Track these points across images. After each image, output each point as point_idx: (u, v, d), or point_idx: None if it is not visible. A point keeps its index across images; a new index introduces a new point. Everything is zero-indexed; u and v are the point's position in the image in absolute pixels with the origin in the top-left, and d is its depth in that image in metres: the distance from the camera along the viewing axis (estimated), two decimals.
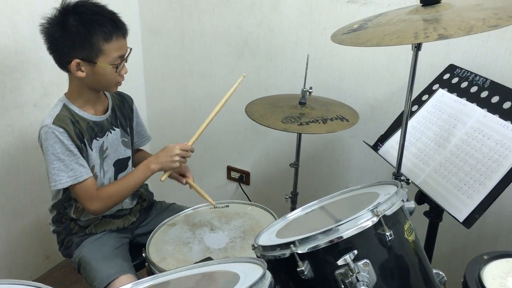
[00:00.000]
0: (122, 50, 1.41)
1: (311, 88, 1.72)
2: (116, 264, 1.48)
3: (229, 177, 2.49)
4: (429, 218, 1.53)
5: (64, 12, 1.35)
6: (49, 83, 2.02)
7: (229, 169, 2.47)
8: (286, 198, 1.95)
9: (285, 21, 2.03)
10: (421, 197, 1.49)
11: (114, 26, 1.37)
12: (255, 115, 1.66)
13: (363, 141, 1.75)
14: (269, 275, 0.90)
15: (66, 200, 1.54)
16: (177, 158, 1.48)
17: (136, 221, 1.68)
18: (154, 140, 2.61)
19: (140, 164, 1.51)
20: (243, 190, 2.45)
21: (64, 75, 1.45)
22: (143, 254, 1.42)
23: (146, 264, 1.41)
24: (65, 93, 1.48)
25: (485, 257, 1.09)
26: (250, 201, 2.22)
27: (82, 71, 1.38)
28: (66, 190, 1.50)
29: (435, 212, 1.50)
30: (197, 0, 2.21)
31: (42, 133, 1.40)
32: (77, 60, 1.35)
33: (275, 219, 1.35)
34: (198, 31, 2.27)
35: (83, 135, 1.44)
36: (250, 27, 2.13)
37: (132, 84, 2.44)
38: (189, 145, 1.52)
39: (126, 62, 1.44)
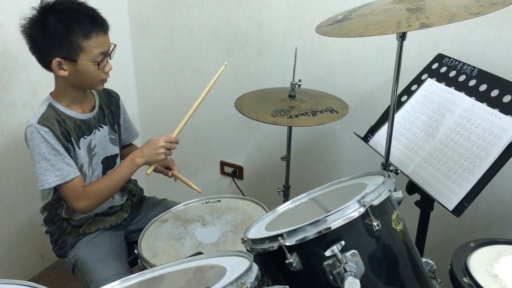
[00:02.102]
0: (103, 47, 1.39)
1: (300, 80, 1.72)
2: (112, 266, 1.47)
3: (222, 172, 2.49)
4: (420, 207, 1.54)
5: (43, 11, 1.34)
6: (38, 82, 2.01)
7: (222, 164, 2.47)
8: (278, 191, 1.95)
9: (274, 14, 2.03)
10: (412, 187, 1.49)
11: (93, 23, 1.36)
12: (245, 109, 1.65)
13: (354, 132, 1.75)
14: (255, 268, 0.90)
15: (57, 201, 1.53)
16: (162, 150, 1.47)
17: (128, 217, 1.68)
18: (146, 136, 2.61)
19: (125, 159, 1.50)
20: (236, 185, 2.45)
21: (53, 74, 1.44)
22: (135, 251, 1.42)
23: (139, 260, 1.41)
24: (51, 93, 1.47)
25: (472, 244, 1.09)
26: (244, 195, 2.23)
27: (65, 70, 1.37)
28: (56, 190, 1.49)
29: (426, 202, 1.51)
30: None
31: (27, 133, 1.39)
32: (58, 59, 1.34)
33: (267, 213, 1.34)
34: (187, 27, 2.26)
35: (69, 134, 1.43)
36: (239, 21, 2.12)
37: (122, 81, 2.44)
38: (174, 136, 1.51)
39: (110, 58, 1.43)
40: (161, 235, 1.50)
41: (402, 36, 1.22)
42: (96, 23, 1.36)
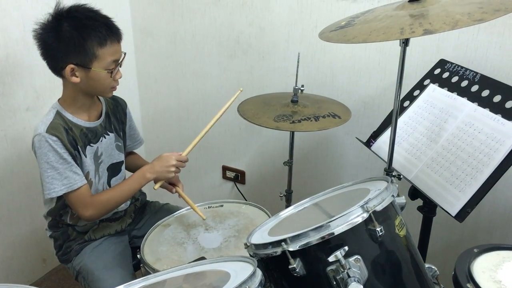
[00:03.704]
0: (116, 55, 1.40)
1: (302, 86, 1.73)
2: (118, 274, 1.48)
3: (224, 176, 2.49)
4: (423, 213, 1.54)
5: (58, 17, 1.34)
6: (42, 87, 2.01)
7: (224, 168, 2.47)
8: (281, 196, 1.96)
9: (276, 20, 2.04)
10: (414, 192, 1.49)
11: (109, 31, 1.37)
12: (248, 114, 1.66)
13: (356, 137, 1.75)
14: (259, 273, 0.90)
15: (62, 208, 1.53)
16: (172, 168, 1.49)
17: (132, 222, 1.68)
18: (148, 141, 2.63)
19: (136, 173, 1.51)
20: (238, 190, 2.45)
21: (57, 79, 1.45)
22: (138, 256, 1.42)
23: (141, 265, 1.41)
24: (59, 99, 1.47)
25: (476, 250, 1.09)
26: (246, 200, 2.23)
27: (77, 77, 1.37)
28: (60, 197, 1.49)
29: (429, 207, 1.51)
30: (188, 1, 2.21)
31: (35, 141, 1.39)
32: (71, 66, 1.34)
33: (269, 218, 1.35)
34: (190, 32, 2.27)
35: (76, 142, 1.43)
36: (241, 27, 2.13)
37: (125, 85, 2.43)
38: (184, 155, 1.52)
39: (120, 66, 1.43)
40: (164, 240, 1.50)
41: (405, 42, 1.22)
42: (111, 31, 1.37)
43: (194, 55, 2.31)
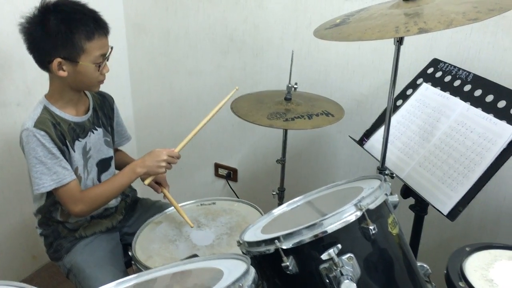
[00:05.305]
0: (104, 49, 1.40)
1: (296, 83, 1.73)
2: (109, 271, 1.47)
3: (216, 174, 2.49)
4: (415, 211, 1.54)
5: (44, 11, 1.33)
6: (33, 82, 1.99)
7: (217, 166, 2.47)
8: (273, 194, 1.95)
9: (270, 17, 2.03)
10: (406, 191, 1.50)
11: (96, 25, 1.36)
12: (241, 112, 1.65)
13: (349, 136, 1.76)
14: (252, 271, 0.90)
15: (52, 204, 1.52)
16: (163, 163, 1.47)
17: (123, 219, 1.67)
18: (140, 138, 2.62)
19: (126, 167, 1.49)
20: (230, 187, 2.45)
21: (48, 75, 1.43)
22: (130, 253, 1.41)
23: (133, 262, 1.40)
24: (45, 95, 1.46)
25: (468, 249, 1.10)
26: (238, 198, 2.23)
27: (64, 71, 1.36)
28: (50, 194, 1.48)
29: (420, 206, 1.52)
30: None
31: (23, 137, 1.38)
32: (59, 60, 1.34)
33: (262, 215, 1.35)
34: (183, 28, 2.26)
35: (65, 137, 1.42)
36: (235, 24, 2.12)
37: (117, 82, 2.44)
38: (176, 151, 1.51)
39: (107, 60, 1.43)
40: (155, 237, 1.49)
41: (400, 41, 1.22)
42: (99, 25, 1.37)
43: (187, 52, 2.30)
